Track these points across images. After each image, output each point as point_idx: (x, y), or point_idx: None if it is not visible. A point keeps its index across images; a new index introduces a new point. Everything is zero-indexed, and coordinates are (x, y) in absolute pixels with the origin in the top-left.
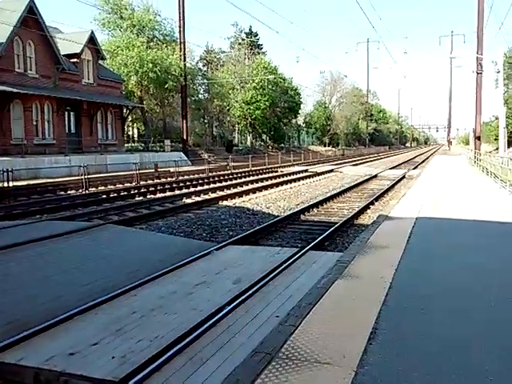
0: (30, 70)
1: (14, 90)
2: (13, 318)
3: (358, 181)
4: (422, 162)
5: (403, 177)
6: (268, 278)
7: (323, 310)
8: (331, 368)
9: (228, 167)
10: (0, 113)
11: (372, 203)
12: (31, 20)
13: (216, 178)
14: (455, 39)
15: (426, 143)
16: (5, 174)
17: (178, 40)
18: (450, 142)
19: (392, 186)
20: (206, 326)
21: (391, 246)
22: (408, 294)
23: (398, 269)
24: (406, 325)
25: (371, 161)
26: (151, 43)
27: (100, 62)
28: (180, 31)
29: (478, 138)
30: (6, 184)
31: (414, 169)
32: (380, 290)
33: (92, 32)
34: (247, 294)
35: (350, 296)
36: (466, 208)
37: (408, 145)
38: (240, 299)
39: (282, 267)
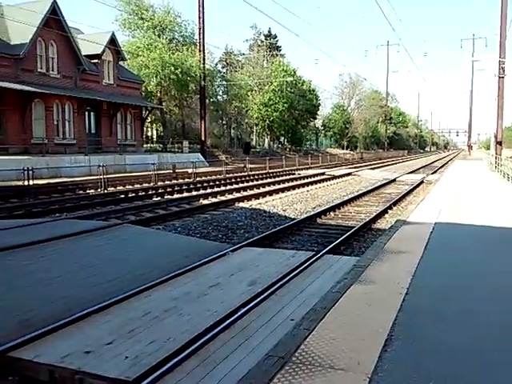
0: (52, 70)
1: (36, 90)
2: (29, 314)
3: (376, 185)
4: (441, 166)
5: (422, 182)
6: (283, 281)
7: (338, 315)
8: (345, 374)
9: (245, 169)
10: (22, 112)
11: (390, 208)
12: (54, 21)
13: (233, 180)
14: (477, 42)
15: (445, 148)
16: (26, 172)
17: (198, 42)
18: (470, 147)
19: (410, 191)
20: (219, 328)
21: (409, 251)
22: (425, 301)
23: (415, 275)
24: (422, 332)
25: (390, 165)
26: (171, 44)
27: (120, 62)
28: (200, 33)
29: (500, 143)
30: (26, 182)
31: (432, 173)
32: (396, 296)
33: (113, 33)
34: (262, 296)
35: (365, 301)
36: (486, 214)
37: (427, 149)
38: (254, 302)
39: (298, 270)
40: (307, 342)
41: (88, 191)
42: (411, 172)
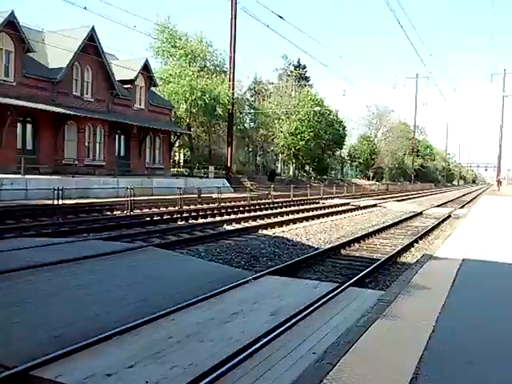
0: (86, 93)
1: (70, 112)
2: (54, 333)
3: (402, 217)
4: (470, 201)
5: (449, 216)
6: (306, 312)
7: (362, 350)
8: None
9: (269, 196)
10: (55, 133)
11: (416, 241)
12: (90, 47)
13: (257, 206)
14: (508, 77)
15: (473, 182)
16: (56, 192)
17: (228, 70)
18: (499, 182)
19: (437, 225)
20: (241, 356)
21: (435, 287)
22: (452, 340)
23: (441, 312)
24: (448, 373)
25: (416, 197)
26: (202, 72)
27: (152, 88)
28: (230, 62)
29: None
30: (56, 202)
31: (460, 208)
32: (422, 334)
33: (146, 60)
34: (284, 327)
35: (390, 337)
36: None
37: (455, 183)
38: (276, 332)
39: (321, 302)
40: (330, 376)
41: (115, 212)
42: (438, 205)
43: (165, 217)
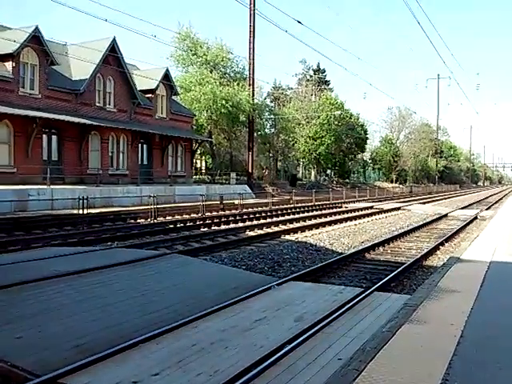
0: (109, 104)
1: (93, 123)
2: (79, 342)
3: (427, 220)
4: (496, 202)
5: (475, 217)
6: (331, 318)
7: (389, 356)
8: None
9: (291, 201)
10: (79, 144)
11: (442, 244)
12: (112, 58)
13: (279, 212)
14: None
15: (499, 182)
16: (81, 201)
17: (248, 77)
18: None
19: (463, 227)
20: (265, 363)
21: (463, 291)
22: (482, 345)
23: (470, 316)
24: (478, 379)
25: (441, 199)
26: (222, 79)
27: (173, 97)
28: (250, 68)
29: None
30: (81, 211)
31: (486, 209)
32: (451, 339)
33: (167, 69)
34: (309, 333)
35: (417, 342)
36: None
37: (480, 184)
38: (301, 338)
39: (346, 307)
40: (356, 383)
41: (139, 220)
42: (464, 207)
43: (188, 224)
